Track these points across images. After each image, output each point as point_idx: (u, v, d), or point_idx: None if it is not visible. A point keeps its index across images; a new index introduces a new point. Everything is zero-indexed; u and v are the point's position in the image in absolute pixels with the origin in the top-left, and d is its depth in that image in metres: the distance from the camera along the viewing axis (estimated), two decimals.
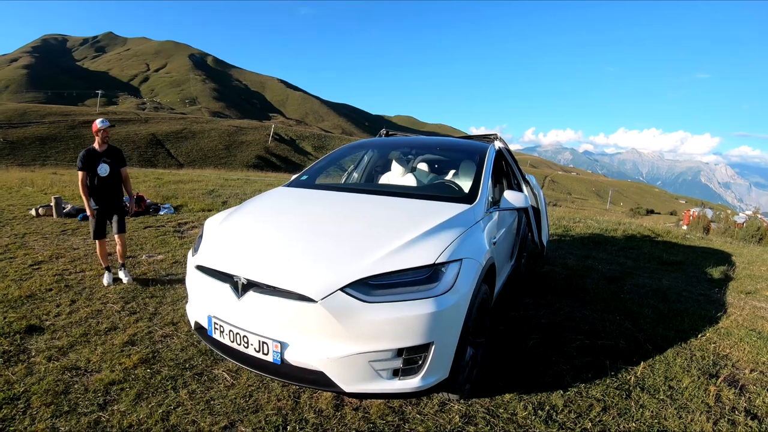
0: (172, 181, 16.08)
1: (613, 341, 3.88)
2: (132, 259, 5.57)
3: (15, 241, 6.22)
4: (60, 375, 2.87)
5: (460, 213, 2.91)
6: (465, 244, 2.55)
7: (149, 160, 63.69)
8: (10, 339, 3.33)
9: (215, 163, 65.38)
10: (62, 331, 3.51)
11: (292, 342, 2.25)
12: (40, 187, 12.51)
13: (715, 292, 5.81)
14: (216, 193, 12.86)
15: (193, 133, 79.73)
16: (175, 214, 9.07)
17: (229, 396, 2.72)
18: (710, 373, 3.39)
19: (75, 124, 70.28)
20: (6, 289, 4.32)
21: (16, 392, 2.67)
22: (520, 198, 3.41)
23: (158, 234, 7.04)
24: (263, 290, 2.30)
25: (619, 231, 10.94)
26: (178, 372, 2.96)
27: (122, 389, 2.74)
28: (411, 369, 2.26)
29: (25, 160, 51.49)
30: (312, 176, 4.11)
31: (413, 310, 2.18)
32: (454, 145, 4.78)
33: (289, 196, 3.57)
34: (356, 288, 2.21)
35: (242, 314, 2.38)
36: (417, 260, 2.32)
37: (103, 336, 3.44)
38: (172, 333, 3.54)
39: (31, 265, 5.15)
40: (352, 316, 2.16)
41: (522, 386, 2.99)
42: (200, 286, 2.65)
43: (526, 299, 4.86)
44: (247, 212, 3.17)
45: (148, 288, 4.56)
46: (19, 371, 2.89)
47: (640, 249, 8.67)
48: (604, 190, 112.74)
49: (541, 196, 5.32)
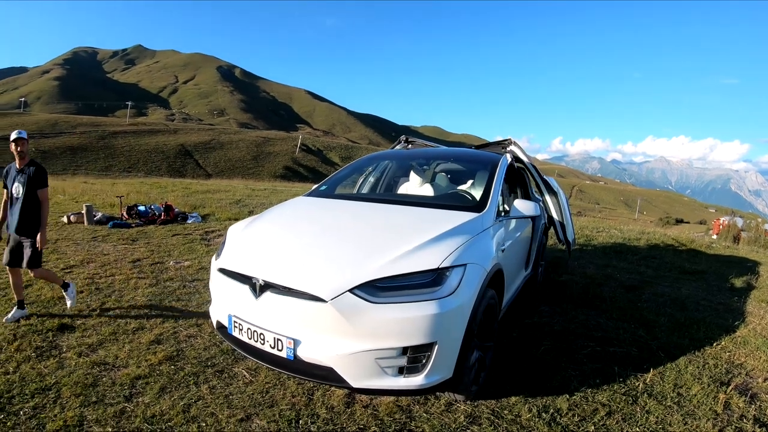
0: (200, 191, 16.54)
1: (625, 349, 3.90)
2: (159, 265, 5.81)
3: (48, 247, 6.52)
4: (89, 369, 3.06)
5: (469, 221, 3.04)
6: (470, 250, 2.67)
7: (178, 170, 65.21)
8: (43, 336, 3.55)
9: (243, 173, 66.54)
10: (92, 329, 3.72)
11: (305, 339, 2.41)
12: (71, 196, 13.05)
13: (734, 300, 5.74)
14: (243, 203, 13.20)
15: (221, 143, 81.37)
16: (203, 222, 9.37)
17: (247, 392, 2.87)
18: (721, 381, 3.39)
19: (105, 135, 72.53)
20: (39, 291, 4.58)
21: (48, 383, 2.87)
22: (530, 207, 3.51)
23: (185, 242, 7.30)
24: (279, 291, 2.47)
25: (642, 240, 10.81)
26: (200, 369, 3.13)
27: (147, 383, 2.92)
28: (415, 367, 2.38)
29: (57, 169, 53.29)
30: (331, 186, 4.31)
31: (417, 311, 2.31)
32: (470, 156, 4.89)
33: (307, 205, 3.76)
34: (364, 289, 2.35)
35: (259, 313, 2.55)
36: (422, 264, 2.45)
37: (131, 335, 3.64)
38: (196, 334, 3.73)
39: (63, 268, 5.43)
40: (360, 316, 2.30)
41: (529, 390, 3.06)
42: (222, 287, 2.85)
43: (541, 307, 4.90)
44: (267, 220, 3.38)
45: (175, 292, 4.77)
46: (51, 365, 3.10)
47: (662, 258, 8.58)
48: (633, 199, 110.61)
49: (562, 196, 5.38)
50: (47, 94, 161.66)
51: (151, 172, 60.47)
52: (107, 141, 70.38)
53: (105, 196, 12.64)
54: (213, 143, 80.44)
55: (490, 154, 4.62)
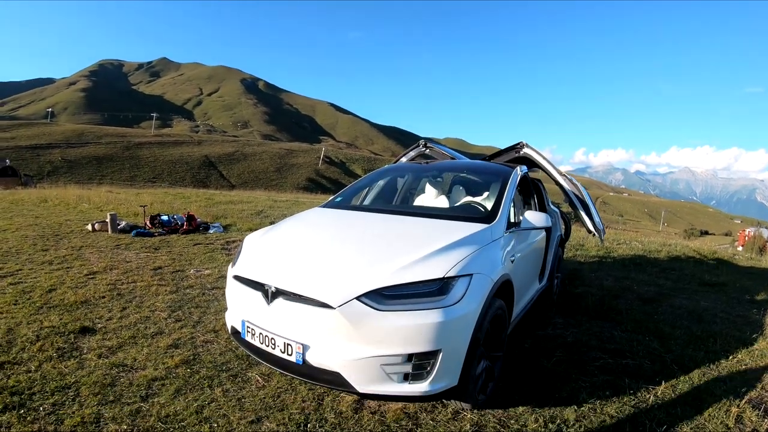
0: (223, 202, 16.82)
1: (638, 361, 3.87)
2: (180, 273, 5.97)
3: (72, 253, 6.76)
4: (108, 370, 3.18)
5: (478, 232, 3.10)
6: (477, 261, 2.72)
7: (202, 181, 66.41)
8: (65, 338, 3.69)
9: (266, 185, 67.45)
10: (112, 333, 3.86)
11: (313, 344, 2.49)
12: (96, 204, 13.40)
13: (754, 313, 5.62)
14: (264, 213, 13.38)
15: (245, 155, 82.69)
16: (224, 233, 9.53)
17: (259, 395, 2.95)
18: (735, 395, 3.33)
19: (130, 146, 74.38)
20: (63, 295, 4.74)
21: (68, 382, 3.00)
22: (541, 218, 3.54)
23: (207, 251, 7.46)
24: (289, 297, 2.57)
25: (662, 252, 10.66)
26: (215, 373, 3.23)
27: (163, 385, 3.02)
28: (420, 374, 2.43)
29: (82, 178, 54.71)
30: (346, 198, 4.43)
31: (422, 319, 2.38)
32: (484, 169, 4.95)
33: (321, 216, 3.87)
34: (371, 297, 2.43)
35: (271, 319, 2.65)
36: (428, 274, 2.52)
37: (150, 339, 3.77)
38: (212, 339, 3.83)
39: (86, 274, 5.60)
40: (366, 323, 2.38)
41: (537, 400, 3.07)
42: (236, 293, 2.97)
43: (555, 318, 4.89)
44: (281, 229, 3.51)
45: (195, 299, 4.90)
46: (71, 365, 3.23)
47: (682, 270, 8.44)
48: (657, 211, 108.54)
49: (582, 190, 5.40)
50: (74, 105, 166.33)
51: (175, 182, 61.71)
52: (132, 152, 72.12)
53: (129, 205, 12.96)
54: (237, 155, 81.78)
55: (502, 166, 4.65)
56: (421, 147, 6.03)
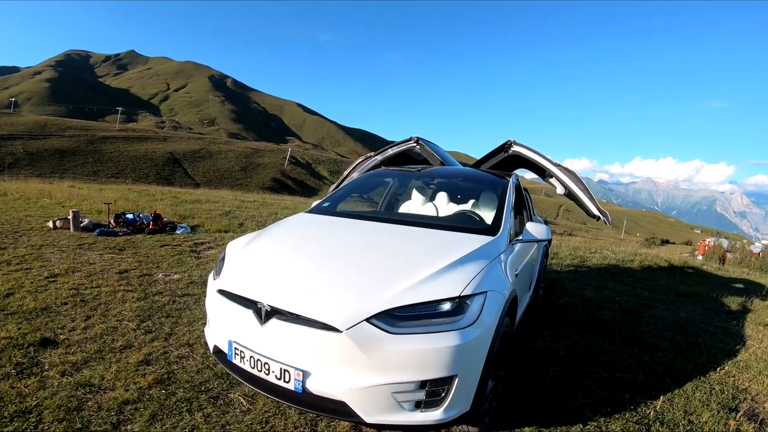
0: (189, 201, 16.27)
1: (632, 374, 3.82)
2: (148, 277, 5.60)
3: (32, 252, 6.28)
4: (73, 391, 2.85)
5: (485, 245, 2.91)
6: (489, 277, 2.54)
7: (166, 178, 64.60)
8: (24, 351, 3.32)
9: (231, 184, 66.14)
10: (76, 346, 3.50)
11: (315, 371, 2.23)
12: (57, 200, 12.70)
13: (733, 324, 5.74)
14: (233, 214, 12.96)
15: (211, 153, 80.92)
16: (192, 233, 9.11)
17: (245, 421, 2.69)
18: (730, 407, 3.35)
19: (95, 139, 71.75)
20: (21, 300, 4.33)
21: (29, 405, 2.65)
22: (543, 230, 3.41)
23: (175, 253, 7.06)
24: (287, 318, 2.29)
25: (635, 262, 10.85)
26: (193, 394, 2.93)
27: (136, 409, 2.71)
28: (433, 401, 2.22)
29: (44, 171, 52.47)
30: (333, 203, 4.16)
31: (438, 342, 2.16)
32: (474, 176, 4.79)
33: (311, 224, 3.59)
34: (382, 319, 2.19)
35: (265, 341, 2.36)
36: (443, 292, 2.30)
37: (118, 354, 3.43)
38: (187, 354, 3.52)
39: (47, 277, 5.17)
40: (377, 347, 2.14)
41: (541, 419, 2.94)
42: (221, 310, 2.64)
43: (543, 331, 4.81)
44: (270, 238, 3.16)
45: (165, 307, 4.55)
46: (32, 384, 2.88)
47: (657, 280, 8.59)
48: (619, 219, 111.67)
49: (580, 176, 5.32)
50: (38, 96, 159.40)
51: (139, 178, 59.89)
52: (96, 145, 69.58)
53: (92, 201, 12.31)
54: (202, 152, 79.97)
55: (494, 177, 4.47)
56: (412, 143, 5.68)
